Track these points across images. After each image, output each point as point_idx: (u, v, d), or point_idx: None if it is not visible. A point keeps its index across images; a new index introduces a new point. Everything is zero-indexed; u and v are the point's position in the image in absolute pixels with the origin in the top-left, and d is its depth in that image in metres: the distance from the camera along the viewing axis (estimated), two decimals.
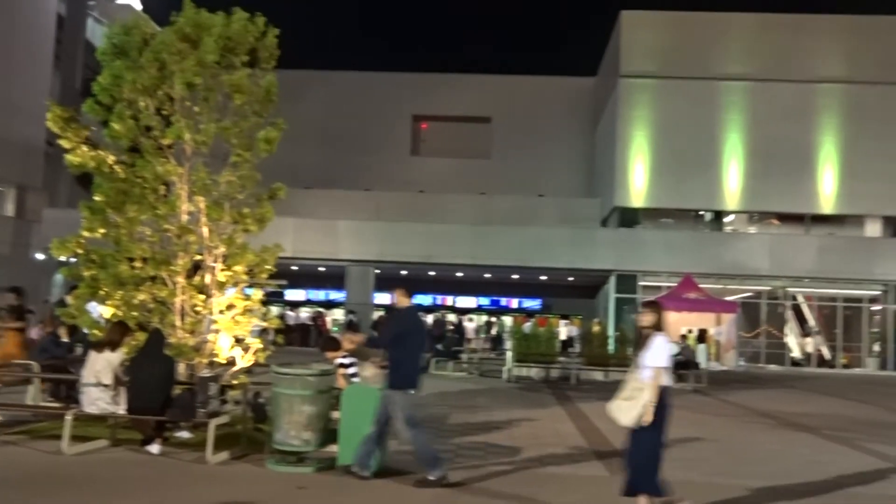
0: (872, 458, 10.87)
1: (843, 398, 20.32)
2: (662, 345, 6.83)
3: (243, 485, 7.71)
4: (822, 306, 35.32)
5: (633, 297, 32.65)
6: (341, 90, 42.31)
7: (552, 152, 41.77)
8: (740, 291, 33.84)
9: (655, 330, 6.91)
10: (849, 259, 32.44)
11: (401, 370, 7.99)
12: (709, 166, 33.93)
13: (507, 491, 7.82)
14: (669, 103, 34.30)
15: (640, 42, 34.87)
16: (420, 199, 38.39)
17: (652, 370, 6.75)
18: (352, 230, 33.47)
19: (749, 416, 15.47)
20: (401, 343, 8.07)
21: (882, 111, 33.47)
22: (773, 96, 33.77)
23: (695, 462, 9.84)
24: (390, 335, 8.24)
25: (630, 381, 6.91)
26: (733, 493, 8.18)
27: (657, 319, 6.97)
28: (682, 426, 13.31)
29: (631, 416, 6.75)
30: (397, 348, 8.06)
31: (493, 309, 42.32)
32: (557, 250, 32.52)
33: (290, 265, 31.15)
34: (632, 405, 6.76)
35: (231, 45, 10.92)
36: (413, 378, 8.08)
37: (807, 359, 34.17)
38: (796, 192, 33.69)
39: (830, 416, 15.83)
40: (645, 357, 6.83)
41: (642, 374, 6.82)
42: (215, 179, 10.76)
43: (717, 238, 34.29)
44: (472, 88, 42.55)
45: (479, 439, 10.86)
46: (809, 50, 34.14)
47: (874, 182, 33.16)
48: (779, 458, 10.41)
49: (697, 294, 28.28)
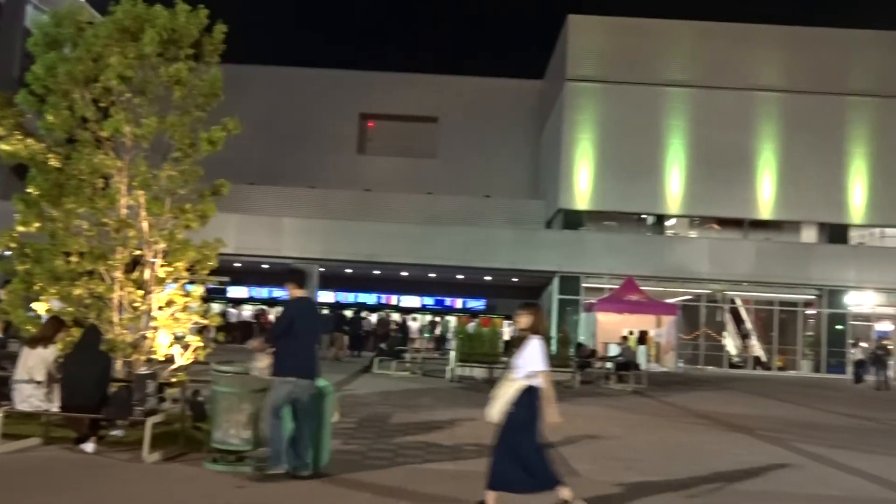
0: (801, 457, 11.13)
1: (778, 400, 20.79)
2: (537, 347, 6.89)
3: (180, 484, 7.59)
4: (759, 310, 36.08)
5: (576, 299, 33.00)
6: (288, 86, 41.94)
7: (498, 153, 41.95)
8: (680, 294, 34.41)
9: (532, 332, 6.98)
10: (785, 264, 33.24)
11: (287, 358, 7.93)
12: (652, 171, 34.42)
13: (444, 492, 7.82)
14: (614, 108, 34.71)
15: (587, 46, 35.22)
16: (366, 198, 38.25)
17: (528, 372, 6.80)
18: (296, 227, 33.21)
19: (687, 416, 15.72)
20: (290, 332, 8.00)
21: (818, 120, 34.31)
22: (715, 103, 34.40)
23: (633, 462, 9.97)
24: (281, 327, 8.12)
25: (503, 381, 6.97)
26: (660, 490, 8.31)
27: (533, 322, 7.04)
28: (622, 427, 13.49)
29: (494, 412, 6.81)
30: (286, 337, 8.00)
31: (438, 309, 42.36)
32: (502, 251, 32.70)
33: (232, 262, 30.77)
34: (497, 402, 6.82)
35: (175, 37, 10.74)
36: (303, 367, 8.00)
37: (744, 361, 34.88)
38: (736, 198, 34.36)
39: (765, 418, 16.17)
40: (519, 359, 6.89)
41: (515, 374, 6.88)
42: (156, 174, 10.57)
43: (659, 241, 34.84)
44: (420, 88, 42.52)
45: (420, 439, 10.85)
46: (750, 59, 34.85)
47: (810, 189, 33.99)
48: (713, 458, 10.59)
49: (639, 296, 28.64)
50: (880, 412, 18.73)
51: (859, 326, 33.92)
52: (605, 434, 12.51)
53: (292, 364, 7.96)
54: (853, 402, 20.99)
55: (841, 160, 34.53)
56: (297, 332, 8.03)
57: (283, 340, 8.02)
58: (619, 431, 12.89)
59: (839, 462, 10.83)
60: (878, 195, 34.29)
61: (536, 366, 6.82)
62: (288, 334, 8.01)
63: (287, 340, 8.00)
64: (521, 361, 6.88)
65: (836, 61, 34.68)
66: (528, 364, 6.83)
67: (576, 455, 10.18)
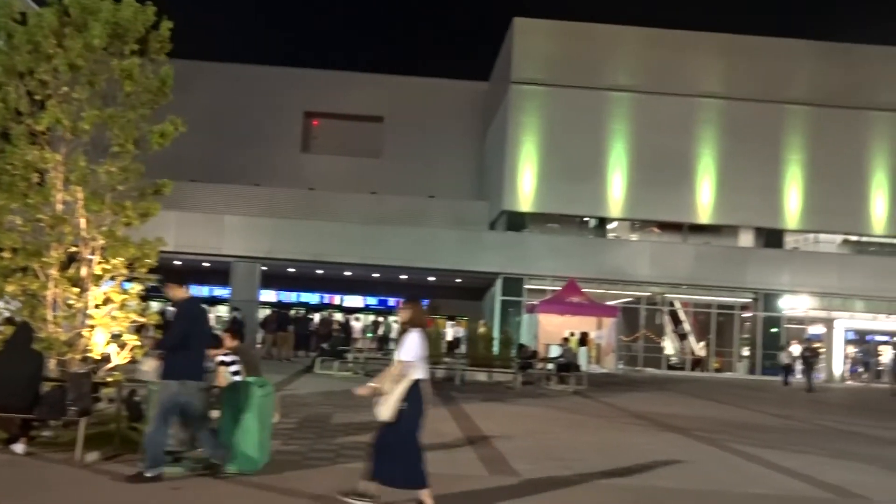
0: (735, 456, 11.39)
1: (714, 401, 21.21)
2: (415, 340, 7.02)
3: (115, 486, 7.46)
4: (698, 312, 36.75)
5: (518, 300, 33.23)
6: (231, 83, 41.43)
7: (443, 154, 42.01)
8: (621, 296, 34.89)
9: (411, 326, 7.12)
10: (723, 267, 33.96)
11: (177, 361, 7.80)
12: (595, 174, 34.81)
13: (382, 492, 7.82)
14: (559, 111, 35.02)
15: (532, 49, 35.46)
16: (310, 197, 37.98)
17: (403, 364, 6.93)
18: (239, 225, 32.86)
19: (626, 417, 15.95)
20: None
21: (757, 127, 35.08)
22: (657, 108, 34.92)
23: (572, 461, 10.08)
24: (180, 332, 7.93)
25: (383, 375, 7.08)
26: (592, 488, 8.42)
27: (413, 316, 7.20)
28: (562, 427, 13.63)
29: (384, 409, 6.89)
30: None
31: (381, 309, 42.26)
32: (446, 252, 32.79)
33: (172, 260, 30.28)
34: (385, 398, 6.90)
35: (120, 31, 10.54)
36: (192, 369, 7.89)
37: (682, 363, 35.50)
38: (676, 202, 34.95)
39: (701, 418, 16.49)
40: (399, 352, 7.02)
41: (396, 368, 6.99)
42: (95, 169, 10.36)
43: (601, 244, 35.28)
44: (366, 87, 42.37)
45: (362, 439, 10.81)
46: (692, 66, 35.47)
47: (748, 194, 34.74)
48: (650, 457, 10.77)
49: (580, 298, 28.98)
50: (809, 413, 19.24)
51: (793, 329, 34.76)
52: (545, 434, 12.64)
53: (181, 366, 7.81)
54: (785, 403, 21.52)
55: (778, 167, 35.37)
56: (187, 334, 7.91)
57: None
58: (559, 432, 13.04)
59: (770, 461, 11.10)
60: (813, 202, 35.20)
61: (408, 356, 6.94)
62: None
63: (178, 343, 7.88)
64: (401, 354, 7.01)
65: (774, 70, 35.48)
66: (405, 356, 6.96)
67: (516, 454, 10.27)
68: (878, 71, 35.53)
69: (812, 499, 8.97)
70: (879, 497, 9.13)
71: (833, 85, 35.31)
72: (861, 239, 36.64)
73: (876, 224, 35.64)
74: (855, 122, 35.40)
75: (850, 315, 35.33)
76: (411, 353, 6.98)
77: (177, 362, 7.80)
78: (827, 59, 35.58)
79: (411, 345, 7.01)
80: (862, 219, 35.63)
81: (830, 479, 10.00)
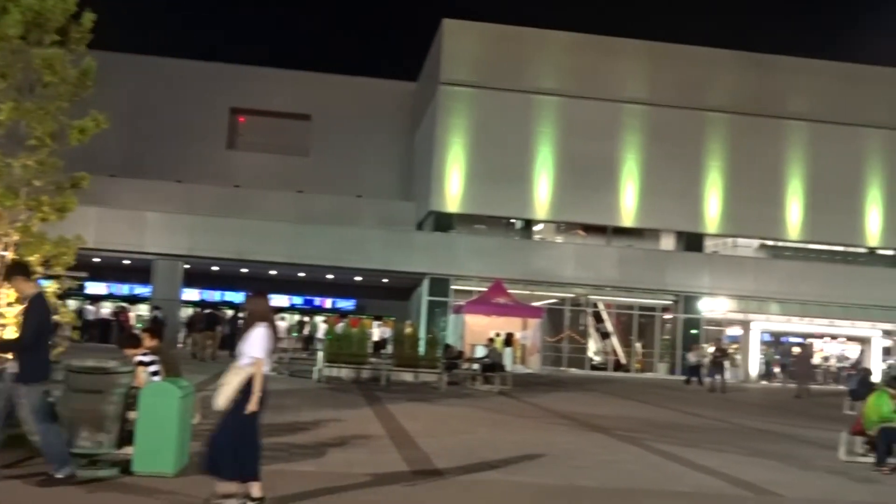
0: (655, 455, 11.62)
1: (636, 401, 21.62)
2: (260, 334, 7.00)
3: (27, 491, 7.22)
4: (620, 314, 37.38)
5: (445, 301, 33.30)
6: (156, 77, 40.44)
7: (372, 154, 41.81)
8: (546, 297, 35.26)
9: (257, 320, 7.10)
10: (645, 270, 34.65)
11: (32, 362, 7.52)
12: (521, 176, 35.10)
13: (304, 493, 7.76)
14: (486, 113, 35.21)
15: (461, 51, 35.58)
16: (235, 194, 37.39)
17: (250, 359, 6.90)
18: (161, 222, 32.17)
19: (550, 417, 16.14)
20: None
21: (679, 133, 35.87)
22: (583, 112, 35.37)
23: (496, 461, 10.15)
24: (33, 330, 7.53)
25: (230, 368, 7.06)
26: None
27: (258, 310, 7.19)
28: (487, 427, 13.71)
29: (221, 399, 6.88)
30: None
31: (307, 308, 41.88)
32: (373, 252, 32.67)
33: (91, 257, 29.47)
34: (223, 389, 6.89)
35: (40, 21, 10.21)
36: (44, 370, 7.68)
37: (605, 363, 36.06)
38: (600, 205, 35.48)
39: (623, 418, 16.79)
40: (244, 346, 6.99)
41: (240, 361, 6.97)
42: (10, 163, 10.02)
43: (527, 246, 35.62)
44: (294, 84, 41.88)
45: (284, 440, 10.71)
46: (617, 71, 36.05)
47: (670, 199, 35.50)
48: (573, 457, 10.91)
49: (506, 299, 29.19)
50: (726, 412, 19.75)
51: (711, 331, 35.62)
52: (469, 434, 12.70)
53: (40, 365, 7.58)
54: (703, 403, 22.03)
55: (698, 172, 36.22)
56: (41, 331, 7.59)
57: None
58: (483, 431, 13.11)
59: (689, 460, 11.37)
60: (732, 207, 36.16)
61: (255, 352, 6.90)
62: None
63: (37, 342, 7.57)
64: (245, 348, 6.96)
65: (696, 78, 36.32)
66: (249, 351, 6.92)
67: (440, 454, 10.29)
68: (791, 81, 36.68)
69: (729, 496, 9.21)
70: (792, 494, 9.43)
71: (750, 93, 36.33)
72: (777, 244, 37.76)
73: (791, 230, 36.80)
74: (771, 131, 36.48)
75: (766, 317, 36.38)
76: (256, 348, 6.91)
77: (34, 362, 7.49)
78: (745, 68, 36.58)
79: (256, 339, 6.94)
80: (778, 224, 36.74)
81: (746, 476, 10.29)
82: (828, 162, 36.51)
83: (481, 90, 35.28)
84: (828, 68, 36.90)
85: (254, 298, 7.27)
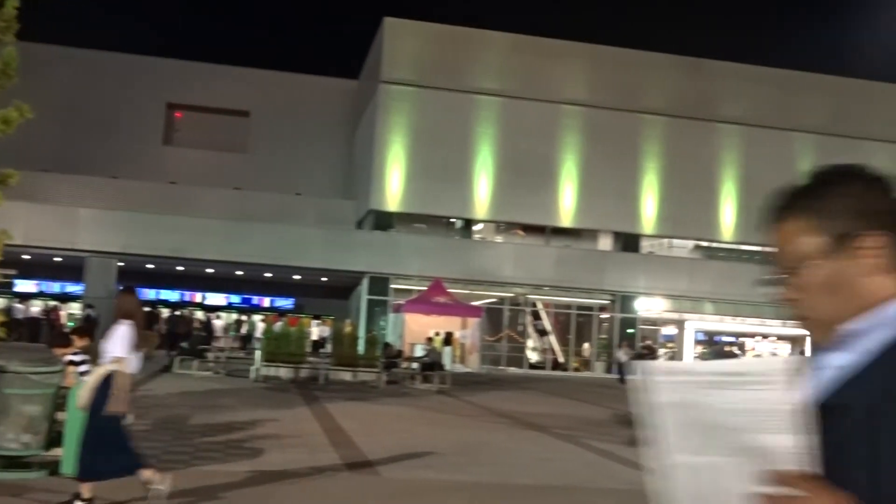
0: (592, 453, 11.78)
1: (573, 399, 21.85)
2: (124, 332, 6.87)
3: None
4: (559, 313, 37.73)
5: (385, 300, 33.23)
6: (88, 69, 39.49)
7: (311, 151, 41.50)
8: (485, 297, 35.40)
9: (122, 318, 7.00)
10: (583, 270, 35.03)
11: None
12: (461, 176, 35.19)
13: (238, 493, 7.67)
14: (427, 112, 35.20)
15: (402, 50, 35.51)
16: (171, 191, 36.76)
17: (113, 357, 6.84)
18: (94, 219, 31.45)
19: (488, 416, 16.22)
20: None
21: (616, 135, 36.31)
22: (523, 113, 35.60)
23: (433, 460, 10.17)
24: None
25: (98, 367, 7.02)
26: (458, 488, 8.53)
27: (124, 307, 7.09)
28: (425, 426, 13.73)
29: (80, 399, 6.85)
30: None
31: (244, 307, 41.41)
32: (312, 250, 32.43)
33: (20, 254, 28.68)
34: (84, 389, 6.85)
35: None
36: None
37: (543, 362, 36.37)
38: (539, 206, 35.75)
39: (560, 416, 16.96)
40: (107, 343, 6.94)
41: (104, 359, 6.92)
42: None
43: (466, 245, 35.72)
44: (232, 80, 41.32)
45: (219, 440, 10.58)
46: (556, 73, 36.33)
47: (607, 199, 35.94)
48: (511, 455, 10.99)
49: (446, 298, 29.24)
50: None
51: (647, 330, 36.20)
52: (407, 432, 12.70)
53: None
54: None
55: (635, 174, 36.76)
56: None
57: None
58: (422, 431, 13.12)
59: (625, 457, 11.52)
60: (667, 209, 36.78)
61: (116, 351, 6.82)
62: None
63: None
64: (108, 346, 6.87)
65: (633, 80, 36.80)
66: (111, 349, 6.84)
67: (378, 454, 10.27)
68: (724, 85, 37.44)
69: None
70: None
71: (685, 97, 36.98)
72: (711, 245, 38.52)
73: (724, 231, 37.58)
74: (705, 134, 37.17)
75: (700, 317, 37.09)
76: (119, 346, 6.80)
77: None
78: (680, 71, 37.21)
79: (119, 337, 6.82)
80: (711, 226, 37.49)
81: None
82: (760, 165, 37.25)
83: (422, 89, 35.26)
84: (762, 74, 37.75)
85: (122, 294, 7.07)
